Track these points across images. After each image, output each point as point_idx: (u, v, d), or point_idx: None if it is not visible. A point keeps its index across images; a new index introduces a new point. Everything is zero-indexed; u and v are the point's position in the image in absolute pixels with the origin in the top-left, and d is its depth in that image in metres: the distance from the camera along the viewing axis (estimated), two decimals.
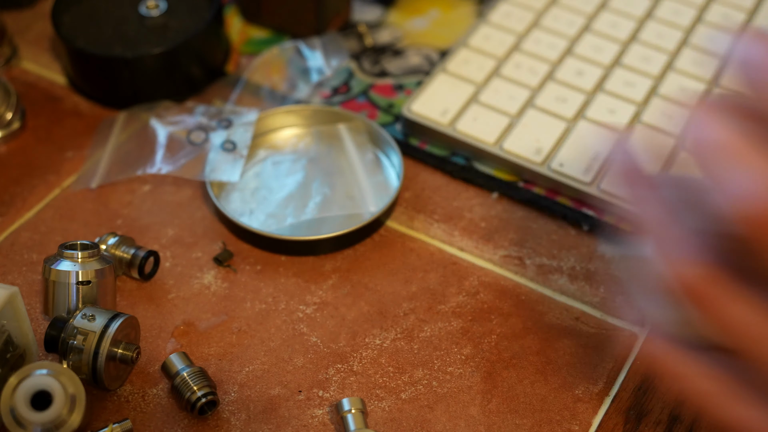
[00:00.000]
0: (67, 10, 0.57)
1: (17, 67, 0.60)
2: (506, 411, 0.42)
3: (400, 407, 0.42)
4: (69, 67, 0.57)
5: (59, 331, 0.41)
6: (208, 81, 0.58)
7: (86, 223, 0.50)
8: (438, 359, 0.44)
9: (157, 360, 0.44)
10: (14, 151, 0.55)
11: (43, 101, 0.57)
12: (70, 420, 0.38)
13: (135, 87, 0.55)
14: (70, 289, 0.43)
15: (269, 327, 0.46)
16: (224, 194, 0.51)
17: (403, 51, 0.60)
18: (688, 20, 0.61)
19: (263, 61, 0.58)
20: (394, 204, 0.50)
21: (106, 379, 0.41)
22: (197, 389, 0.41)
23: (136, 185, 0.52)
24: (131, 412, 0.42)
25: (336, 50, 0.58)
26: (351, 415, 0.41)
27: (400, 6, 0.64)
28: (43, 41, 0.62)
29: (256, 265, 0.48)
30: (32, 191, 0.52)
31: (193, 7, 0.58)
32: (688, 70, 0.57)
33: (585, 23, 0.61)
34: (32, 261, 0.48)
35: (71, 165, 0.54)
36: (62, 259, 0.43)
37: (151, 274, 0.47)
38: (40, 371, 0.38)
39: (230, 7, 0.64)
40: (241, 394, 0.43)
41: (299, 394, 0.43)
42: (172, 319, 0.46)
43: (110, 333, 0.40)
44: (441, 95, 0.55)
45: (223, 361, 0.44)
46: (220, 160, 0.51)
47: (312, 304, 0.46)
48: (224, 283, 0.47)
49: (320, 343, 0.45)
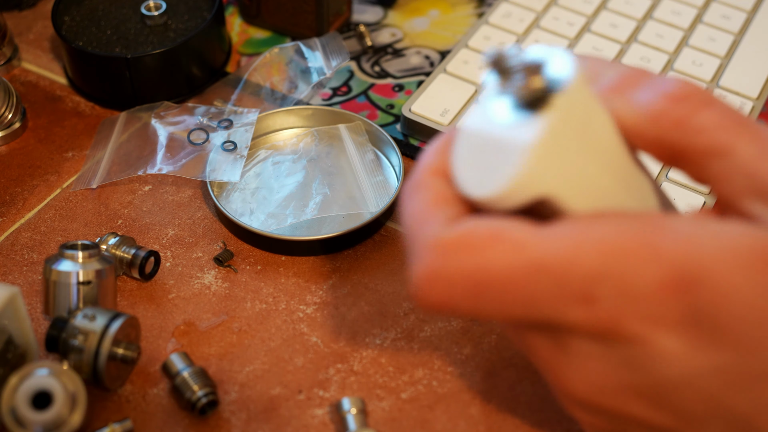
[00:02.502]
0: (67, 10, 0.57)
1: (18, 67, 0.60)
2: (506, 411, 0.42)
3: (400, 407, 0.42)
4: (69, 67, 0.57)
5: (60, 331, 0.41)
6: (208, 81, 0.58)
7: (87, 223, 0.50)
8: (438, 359, 0.44)
9: (157, 360, 0.44)
10: (15, 151, 0.55)
11: (44, 101, 0.58)
12: (70, 420, 0.38)
13: (135, 87, 0.55)
14: (71, 289, 0.43)
15: (269, 327, 0.46)
16: (224, 194, 0.51)
17: (403, 51, 0.60)
18: (688, 20, 0.61)
19: (263, 62, 0.58)
20: (394, 204, 0.50)
21: (106, 379, 0.41)
22: (197, 389, 0.41)
23: (136, 185, 0.52)
24: (132, 411, 0.42)
25: (336, 51, 0.58)
26: (351, 415, 0.41)
27: (400, 6, 0.64)
28: (44, 41, 0.62)
29: (256, 265, 0.48)
30: (33, 191, 0.52)
31: (193, 7, 0.58)
32: (688, 71, 0.57)
33: (585, 23, 0.61)
34: (33, 261, 0.48)
35: (72, 165, 0.54)
36: (63, 259, 0.43)
37: (152, 274, 0.47)
38: (41, 371, 0.38)
39: (230, 7, 0.64)
40: (241, 393, 0.43)
41: (299, 394, 0.43)
42: (173, 319, 0.46)
43: (111, 333, 0.40)
44: (441, 95, 0.55)
45: (224, 361, 0.44)
46: (221, 161, 0.51)
47: (312, 304, 0.46)
48: (224, 283, 0.47)
49: (320, 343, 0.45)
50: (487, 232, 0.31)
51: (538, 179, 0.31)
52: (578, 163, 0.32)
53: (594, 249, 0.31)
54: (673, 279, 0.30)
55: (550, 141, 0.31)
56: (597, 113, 0.32)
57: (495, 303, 0.31)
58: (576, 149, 0.31)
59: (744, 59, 0.58)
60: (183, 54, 0.55)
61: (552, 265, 0.31)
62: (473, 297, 0.32)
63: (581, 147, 0.32)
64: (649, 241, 0.31)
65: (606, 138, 0.33)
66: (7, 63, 0.59)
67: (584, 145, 0.32)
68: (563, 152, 0.31)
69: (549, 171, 0.31)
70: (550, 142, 0.31)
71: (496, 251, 0.31)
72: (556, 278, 0.31)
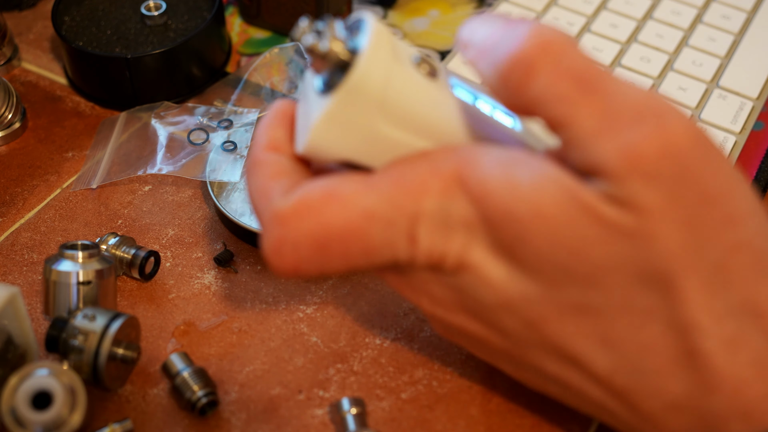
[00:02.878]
0: (67, 10, 0.57)
1: (18, 67, 0.60)
2: (506, 411, 0.42)
3: (400, 407, 0.42)
4: (69, 67, 0.57)
5: (60, 331, 0.41)
6: (208, 81, 0.58)
7: (87, 223, 0.50)
8: (438, 359, 0.44)
9: (157, 360, 0.44)
10: (15, 151, 0.55)
11: (44, 101, 0.58)
12: (70, 420, 0.38)
13: (135, 87, 0.55)
14: (71, 289, 0.43)
15: (269, 327, 0.46)
16: (225, 194, 0.51)
17: None
18: (688, 20, 0.61)
19: (263, 62, 0.58)
20: None
21: (106, 379, 0.41)
22: (197, 389, 0.41)
23: (136, 185, 0.52)
24: (132, 412, 0.42)
25: None
26: (351, 415, 0.41)
27: (400, 7, 0.64)
28: (44, 41, 0.62)
29: (256, 265, 0.48)
30: (33, 191, 0.52)
31: (193, 7, 0.58)
32: (688, 71, 0.57)
33: (585, 23, 0.61)
34: (33, 261, 0.48)
35: (72, 165, 0.54)
36: (63, 260, 0.43)
37: (152, 274, 0.47)
38: (41, 371, 0.38)
39: (230, 7, 0.64)
40: (241, 394, 0.43)
41: (299, 394, 0.43)
42: (173, 319, 0.46)
43: (111, 333, 0.40)
44: None
45: (224, 361, 0.44)
46: (221, 161, 0.51)
47: (312, 304, 0.46)
48: (224, 283, 0.47)
49: (320, 343, 0.45)
50: (319, 193, 0.34)
51: (325, 148, 0.35)
52: (370, 130, 0.34)
53: (408, 191, 0.34)
54: (481, 212, 0.33)
55: (337, 113, 0.34)
56: (398, 76, 0.34)
57: (339, 257, 0.34)
58: (366, 117, 0.34)
59: (744, 59, 0.58)
60: (183, 54, 0.55)
61: (378, 212, 0.34)
62: (319, 256, 0.34)
63: (373, 114, 0.34)
64: (456, 177, 0.33)
65: (407, 98, 0.34)
66: (7, 63, 0.59)
67: (378, 111, 0.34)
68: (350, 122, 0.34)
69: (335, 141, 0.34)
70: (336, 114, 0.34)
71: (329, 209, 0.34)
72: (384, 224, 0.34)
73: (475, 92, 0.37)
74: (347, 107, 0.34)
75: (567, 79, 0.32)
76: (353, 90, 0.33)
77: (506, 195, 0.32)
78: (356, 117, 0.34)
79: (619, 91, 0.32)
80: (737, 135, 0.54)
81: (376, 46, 0.33)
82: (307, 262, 0.34)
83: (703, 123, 0.55)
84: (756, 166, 0.53)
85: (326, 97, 0.34)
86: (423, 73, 0.35)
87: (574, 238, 0.32)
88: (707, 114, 0.55)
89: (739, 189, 0.33)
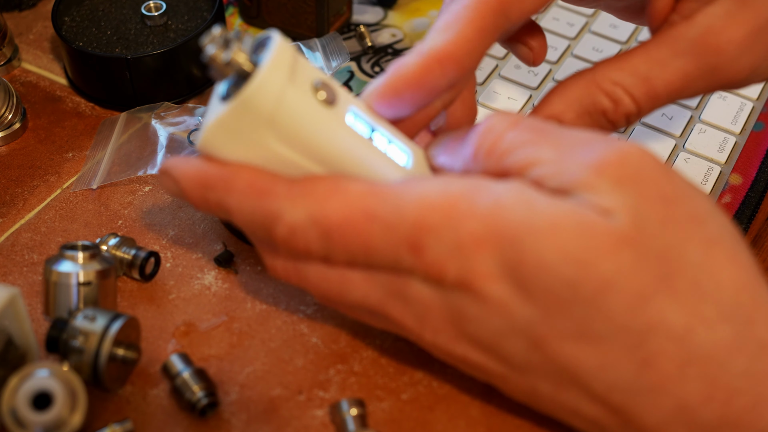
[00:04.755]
0: (67, 11, 0.57)
1: (18, 68, 0.60)
2: (506, 411, 0.42)
3: (400, 408, 0.42)
4: (70, 67, 0.57)
5: (60, 332, 0.41)
6: (208, 81, 0.58)
7: (87, 224, 0.50)
8: (438, 360, 0.44)
9: (157, 361, 0.44)
10: (15, 152, 0.55)
11: (44, 102, 0.58)
12: (71, 421, 0.38)
13: (135, 87, 0.55)
14: (71, 289, 0.43)
15: (270, 327, 0.46)
16: None
17: (403, 52, 0.60)
18: None
19: None
20: None
21: (107, 380, 0.41)
22: (198, 390, 0.41)
23: (136, 186, 0.52)
24: (132, 412, 0.42)
25: (336, 51, 0.58)
26: (351, 415, 0.41)
27: (400, 7, 0.64)
28: (44, 42, 0.62)
29: (256, 265, 0.48)
30: (33, 192, 0.52)
31: (193, 7, 0.58)
32: None
33: (585, 23, 0.61)
34: (33, 262, 0.48)
35: (72, 165, 0.54)
36: (63, 260, 0.43)
37: (152, 274, 0.47)
38: (42, 372, 0.38)
39: (230, 7, 0.64)
40: (241, 394, 0.43)
41: (300, 395, 0.43)
42: (173, 320, 0.46)
43: (111, 334, 0.40)
44: None
45: (224, 362, 0.44)
46: None
47: (312, 305, 0.47)
48: (225, 283, 0.47)
49: (321, 344, 0.45)
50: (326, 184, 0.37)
51: (218, 148, 0.37)
52: (260, 143, 0.36)
53: (416, 202, 0.35)
54: (487, 234, 0.34)
55: (228, 121, 0.36)
56: (290, 97, 0.36)
57: (340, 247, 0.36)
58: (256, 130, 0.36)
59: None
60: (183, 54, 0.55)
61: (380, 214, 0.35)
62: (324, 242, 0.36)
63: (263, 129, 0.36)
64: (467, 199, 0.35)
65: (295, 120, 0.36)
66: (7, 63, 0.59)
67: (267, 127, 0.36)
68: (241, 132, 0.36)
69: (227, 145, 0.37)
70: (227, 121, 0.36)
71: (332, 201, 0.36)
72: (385, 226, 0.35)
73: (374, 124, 0.39)
74: (239, 118, 0.36)
75: (527, 128, 0.37)
76: (244, 103, 0.35)
77: (515, 224, 0.34)
78: (247, 128, 0.36)
79: (568, 132, 0.36)
80: (737, 135, 0.54)
81: (274, 65, 0.35)
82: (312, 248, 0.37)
83: (704, 124, 0.55)
84: (756, 167, 0.53)
85: (224, 104, 0.36)
86: (319, 99, 0.37)
87: (584, 248, 0.33)
88: (707, 115, 0.55)
89: (695, 192, 0.35)
